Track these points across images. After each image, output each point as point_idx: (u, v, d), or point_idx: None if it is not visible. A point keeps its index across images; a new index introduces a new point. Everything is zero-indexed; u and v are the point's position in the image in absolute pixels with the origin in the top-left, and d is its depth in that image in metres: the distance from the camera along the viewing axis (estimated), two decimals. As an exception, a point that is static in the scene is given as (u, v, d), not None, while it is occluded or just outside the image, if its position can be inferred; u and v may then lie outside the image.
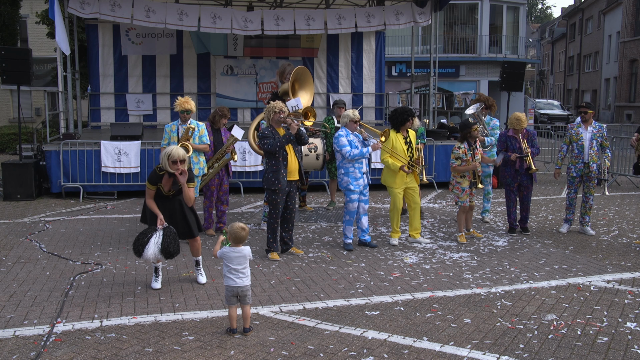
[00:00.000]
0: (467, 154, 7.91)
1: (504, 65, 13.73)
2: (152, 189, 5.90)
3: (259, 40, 16.57)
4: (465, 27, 31.10)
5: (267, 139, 6.99)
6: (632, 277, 6.45)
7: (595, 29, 46.26)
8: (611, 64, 41.86)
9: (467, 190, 7.99)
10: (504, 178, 8.48)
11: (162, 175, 5.88)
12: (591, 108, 8.46)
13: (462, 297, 5.78)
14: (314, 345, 4.61)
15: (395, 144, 7.67)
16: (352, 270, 6.66)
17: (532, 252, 7.53)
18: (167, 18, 12.71)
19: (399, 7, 14.34)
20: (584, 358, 4.42)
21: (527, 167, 8.30)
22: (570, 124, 8.87)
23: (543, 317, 5.22)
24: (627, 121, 35.43)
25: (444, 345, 4.63)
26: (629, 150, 12.89)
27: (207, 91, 16.73)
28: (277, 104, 7.14)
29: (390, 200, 7.87)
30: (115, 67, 16.00)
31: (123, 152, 11.14)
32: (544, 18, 77.81)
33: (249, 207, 10.48)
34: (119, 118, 15.89)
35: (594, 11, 46.28)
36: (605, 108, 42.65)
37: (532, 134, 8.54)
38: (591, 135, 8.42)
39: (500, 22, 31.06)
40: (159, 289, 5.97)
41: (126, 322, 5.08)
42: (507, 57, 29.58)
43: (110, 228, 8.74)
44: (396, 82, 28.73)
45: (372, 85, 17.65)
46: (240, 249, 4.94)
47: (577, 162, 8.46)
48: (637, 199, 11.28)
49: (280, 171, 7.03)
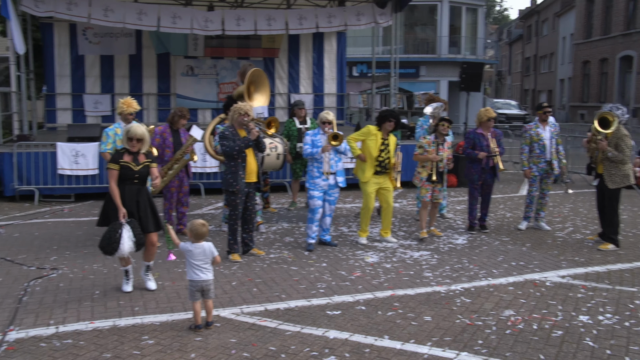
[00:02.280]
0: (431, 145, 8.02)
1: (463, 65, 13.97)
2: (115, 167, 5.72)
3: (220, 41, 16.44)
4: (425, 28, 31.49)
5: (227, 140, 6.94)
6: (585, 272, 6.63)
7: (550, 30, 47.42)
8: (565, 65, 42.97)
9: (425, 183, 8.06)
10: (470, 175, 8.57)
11: (123, 153, 5.82)
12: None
13: (422, 295, 5.84)
14: (276, 346, 4.60)
15: (369, 141, 7.74)
16: (314, 270, 6.67)
17: (491, 249, 7.66)
18: (125, 17, 12.49)
19: (360, 7, 14.43)
20: (540, 352, 4.52)
21: (492, 166, 8.45)
22: (527, 125, 9.02)
23: (501, 313, 5.32)
24: (580, 121, 36.38)
25: (405, 343, 4.67)
26: (582, 149, 13.22)
27: (167, 92, 16.52)
28: (244, 106, 7.11)
29: (363, 200, 7.91)
30: (72, 67, 15.65)
31: (80, 153, 10.90)
32: (502, 20, 79.29)
33: (210, 209, 10.39)
34: (76, 119, 15.54)
35: (549, 13, 47.42)
36: (560, 108, 43.73)
37: (498, 133, 8.71)
38: (550, 134, 8.69)
39: (459, 23, 31.53)
40: (131, 291, 5.87)
41: (83, 327, 4.97)
42: (466, 58, 30.04)
43: (68, 231, 8.54)
44: (357, 83, 28.89)
45: (333, 86, 17.71)
46: (201, 244, 4.98)
47: (539, 161, 8.67)
48: (590, 196, 11.58)
49: (238, 173, 6.99)
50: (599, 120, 7.54)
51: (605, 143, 7.50)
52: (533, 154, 8.72)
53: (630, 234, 8.58)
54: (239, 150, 6.91)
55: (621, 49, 33.58)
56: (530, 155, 8.74)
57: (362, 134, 7.87)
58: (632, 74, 32.56)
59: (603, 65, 36.17)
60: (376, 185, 7.78)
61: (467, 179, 8.72)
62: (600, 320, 5.15)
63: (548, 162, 8.64)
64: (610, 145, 7.51)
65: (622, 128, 7.59)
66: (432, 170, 8.00)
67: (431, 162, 7.98)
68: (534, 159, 8.71)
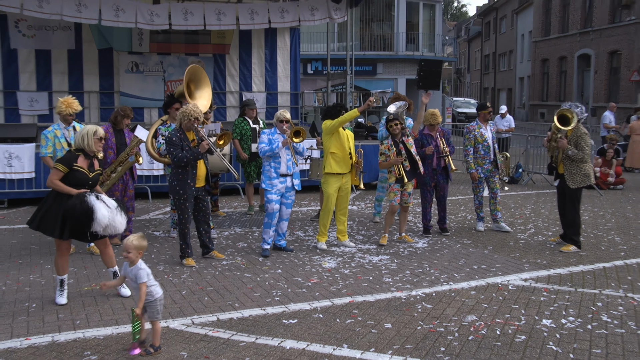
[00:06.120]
0: (391, 149, 8.06)
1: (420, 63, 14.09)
2: (63, 170, 5.55)
3: (167, 36, 16.17)
4: (382, 24, 31.76)
5: (174, 147, 6.82)
6: (548, 275, 6.79)
7: (509, 28, 48.57)
8: (525, 63, 44.07)
9: (394, 187, 8.10)
10: (421, 177, 8.68)
11: (77, 156, 5.64)
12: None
13: (382, 301, 5.87)
14: (229, 358, 4.54)
15: (341, 135, 7.83)
16: (269, 277, 6.62)
17: (452, 252, 7.76)
18: (63, 9, 12.13)
19: (314, 2, 14.43)
20: (503, 358, 4.59)
21: (444, 166, 8.57)
22: (470, 126, 9.17)
23: (463, 319, 5.39)
24: (540, 120, 37.41)
25: (365, 352, 4.68)
26: (543, 148, 13.57)
27: (110, 89, 16.14)
28: (195, 111, 6.97)
29: (323, 201, 7.89)
30: (4, 62, 15.11)
31: (14, 155, 10.56)
32: (460, 16, 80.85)
33: (158, 214, 10.21)
34: (9, 118, 15.01)
35: (507, 10, 48.57)
36: (520, 106, 44.83)
37: (447, 132, 8.86)
38: (492, 134, 8.97)
39: (416, 19, 31.94)
40: (64, 304, 5.69)
41: (17, 344, 4.79)
42: (424, 55, 30.46)
43: (0, 240, 8.25)
44: (312, 80, 28.92)
45: (287, 84, 17.65)
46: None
47: (484, 162, 8.86)
48: (551, 196, 11.89)
49: (187, 181, 6.91)
50: (558, 118, 7.75)
51: (566, 141, 7.70)
52: (477, 155, 8.91)
53: (592, 234, 8.83)
54: (187, 162, 6.83)
55: (579, 47, 34.66)
56: (475, 156, 8.92)
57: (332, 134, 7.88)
58: (590, 72, 33.65)
59: (562, 64, 37.25)
60: (337, 185, 7.79)
61: (419, 182, 8.80)
62: (563, 324, 5.27)
63: (492, 162, 8.89)
64: (570, 144, 7.72)
65: (581, 126, 7.81)
66: (399, 174, 8.04)
67: (396, 165, 8.03)
68: (478, 160, 8.90)
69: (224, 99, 16.98)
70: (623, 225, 9.56)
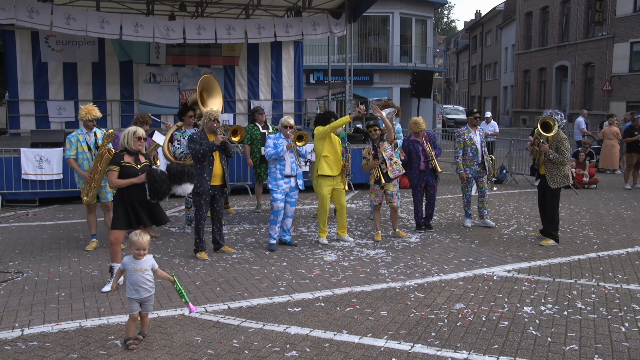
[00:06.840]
0: (371, 153, 8.08)
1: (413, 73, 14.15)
2: (115, 169, 5.79)
3: (181, 49, 16.26)
4: (378, 37, 31.74)
5: (194, 143, 6.94)
6: (529, 266, 6.81)
7: (494, 41, 48.53)
8: (508, 73, 44.06)
9: (375, 188, 8.12)
10: (412, 180, 8.71)
11: (123, 155, 5.86)
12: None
13: (378, 291, 5.89)
14: (240, 342, 4.56)
15: (333, 140, 7.82)
16: (275, 269, 6.65)
17: (442, 246, 7.78)
18: (88, 26, 12.20)
19: (316, 18, 14.48)
20: (488, 341, 4.61)
21: (432, 168, 8.58)
22: (459, 130, 9.21)
23: (452, 307, 5.41)
24: (522, 125, 37.41)
25: (363, 337, 4.70)
26: (525, 151, 13.59)
27: (130, 98, 16.22)
28: (214, 112, 7.15)
29: (318, 202, 7.92)
30: (35, 74, 15.19)
31: (45, 159, 10.60)
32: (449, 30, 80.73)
33: (173, 212, 10.25)
34: (40, 125, 15.10)
35: (492, 25, 48.55)
36: (504, 113, 44.80)
37: (432, 136, 8.86)
38: (480, 138, 8.97)
39: (410, 33, 31.92)
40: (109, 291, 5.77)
41: (49, 329, 4.83)
42: (416, 66, 30.42)
43: (32, 235, 8.29)
44: (314, 89, 28.94)
45: (291, 92, 17.70)
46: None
47: (472, 164, 8.89)
48: (532, 195, 11.90)
49: (203, 175, 6.97)
50: (541, 125, 7.76)
51: (547, 146, 7.72)
52: (466, 157, 8.94)
53: (568, 230, 8.85)
54: (203, 154, 6.87)
55: (557, 59, 34.68)
56: (464, 158, 8.95)
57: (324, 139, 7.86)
58: (567, 82, 33.66)
59: (542, 74, 37.26)
60: (329, 187, 7.81)
61: (410, 183, 8.86)
62: (542, 311, 5.29)
63: (480, 164, 8.90)
64: (551, 148, 7.73)
65: (561, 132, 7.83)
66: (377, 176, 8.04)
67: (375, 168, 8.04)
68: (467, 162, 8.93)
69: (234, 106, 17.03)
70: (596, 221, 9.57)
